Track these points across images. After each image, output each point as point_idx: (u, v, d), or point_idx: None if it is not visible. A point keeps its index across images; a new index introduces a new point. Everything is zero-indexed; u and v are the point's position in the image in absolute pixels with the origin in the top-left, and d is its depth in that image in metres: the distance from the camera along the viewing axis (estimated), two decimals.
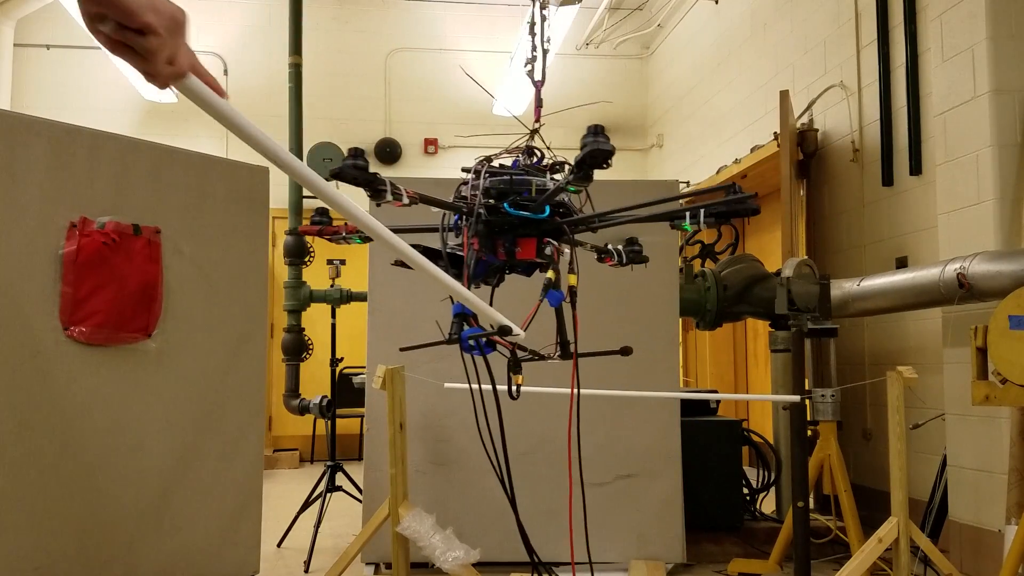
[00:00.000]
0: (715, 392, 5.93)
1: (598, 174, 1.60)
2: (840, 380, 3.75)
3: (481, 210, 1.72)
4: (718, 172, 6.43)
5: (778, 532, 3.60)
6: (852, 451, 4.64)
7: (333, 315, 4.59)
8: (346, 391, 4.92)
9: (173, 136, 7.66)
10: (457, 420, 3.67)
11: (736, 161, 6.07)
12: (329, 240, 1.95)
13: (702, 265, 4.77)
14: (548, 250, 1.77)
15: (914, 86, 4.27)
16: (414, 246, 1.46)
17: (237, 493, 3.27)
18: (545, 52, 2.06)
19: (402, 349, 2.11)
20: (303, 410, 4.44)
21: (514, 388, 1.86)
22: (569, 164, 1.69)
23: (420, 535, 3.05)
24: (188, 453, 3.10)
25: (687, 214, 1.80)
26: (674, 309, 3.80)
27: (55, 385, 2.69)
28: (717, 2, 6.76)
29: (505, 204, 1.72)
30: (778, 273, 3.96)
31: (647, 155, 8.45)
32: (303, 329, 4.51)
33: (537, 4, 2.12)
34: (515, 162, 1.84)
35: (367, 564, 3.61)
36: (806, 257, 4.09)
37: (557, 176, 1.79)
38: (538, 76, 2.02)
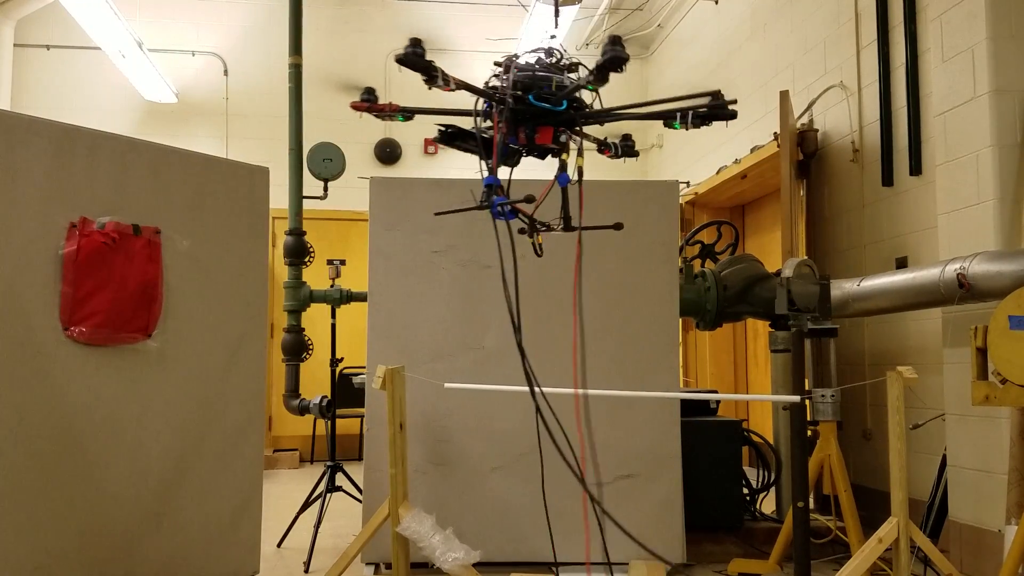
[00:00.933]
0: (715, 392, 5.93)
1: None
2: (840, 380, 3.75)
3: (509, 99, 2.00)
4: (718, 172, 6.43)
5: (778, 532, 3.60)
6: (852, 451, 4.64)
7: (333, 315, 4.59)
8: (346, 391, 4.92)
9: (173, 136, 7.66)
10: (457, 420, 3.67)
11: (736, 161, 6.07)
12: (376, 116, 2.32)
13: (702, 265, 4.77)
14: (563, 137, 2.08)
15: (914, 86, 4.27)
16: (447, 126, 2.05)
17: (237, 493, 3.27)
18: None
19: (437, 214, 2.46)
20: (303, 410, 4.44)
21: (537, 246, 2.18)
22: (584, 66, 2.03)
23: (420, 535, 3.05)
24: (188, 453, 3.10)
25: (677, 114, 2.11)
26: (674, 309, 3.80)
27: (55, 385, 2.69)
28: (717, 2, 6.76)
29: (530, 96, 1.99)
30: (778, 273, 3.96)
31: (647, 155, 8.44)
32: (303, 329, 4.51)
33: None
34: (537, 59, 2.11)
35: (367, 564, 3.61)
36: (806, 257, 4.09)
37: (571, 75, 2.07)
38: None
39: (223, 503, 3.22)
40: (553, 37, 2.21)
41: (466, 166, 8.50)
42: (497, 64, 2.10)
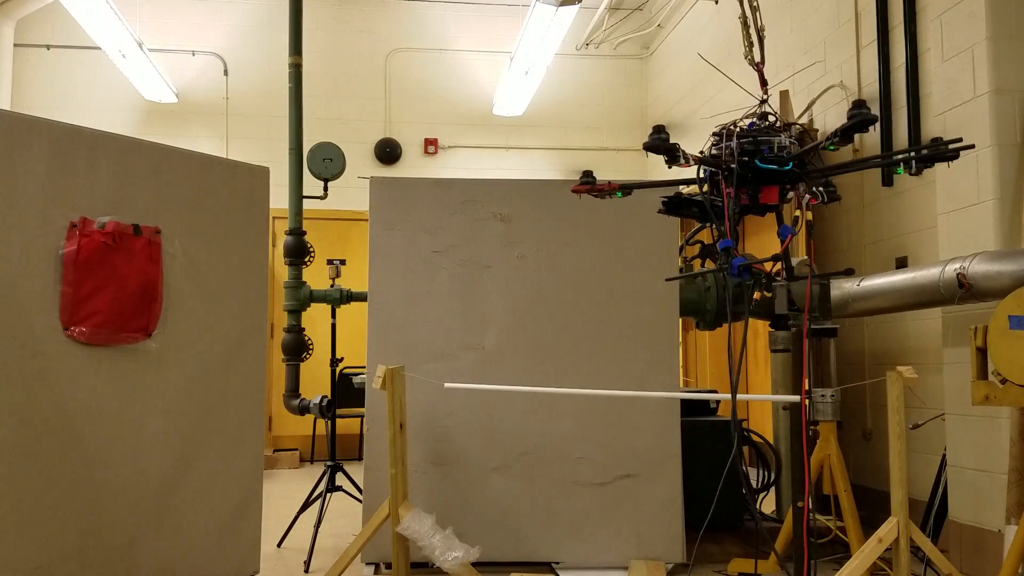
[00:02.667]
0: (715, 392, 5.93)
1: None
2: (840, 380, 3.74)
3: (735, 166, 2.17)
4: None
5: (778, 532, 3.60)
6: (852, 451, 4.64)
7: (333, 315, 4.59)
8: (346, 391, 4.92)
9: (173, 136, 7.66)
10: (457, 420, 3.67)
11: None
12: (595, 196, 2.51)
13: (702, 265, 4.77)
14: (789, 195, 2.25)
15: (914, 86, 4.27)
16: (671, 197, 2.32)
17: (237, 493, 3.27)
18: (761, 39, 2.54)
19: (668, 279, 2.80)
20: (303, 410, 4.44)
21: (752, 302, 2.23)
22: (800, 125, 2.28)
23: (420, 535, 3.05)
24: (188, 453, 3.10)
25: (901, 163, 2.26)
26: (674, 309, 3.80)
27: (55, 385, 2.69)
28: (717, 2, 6.76)
29: (756, 160, 2.16)
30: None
31: (647, 155, 8.44)
32: (303, 329, 4.51)
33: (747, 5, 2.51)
34: (751, 124, 2.28)
35: (367, 564, 3.61)
36: (806, 257, 4.08)
37: (784, 134, 2.24)
38: (757, 59, 2.52)
39: (223, 503, 3.22)
40: (764, 102, 2.33)
41: (466, 166, 8.53)
42: (715, 134, 2.27)
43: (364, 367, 3.73)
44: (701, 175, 2.30)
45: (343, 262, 4.65)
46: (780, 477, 4.32)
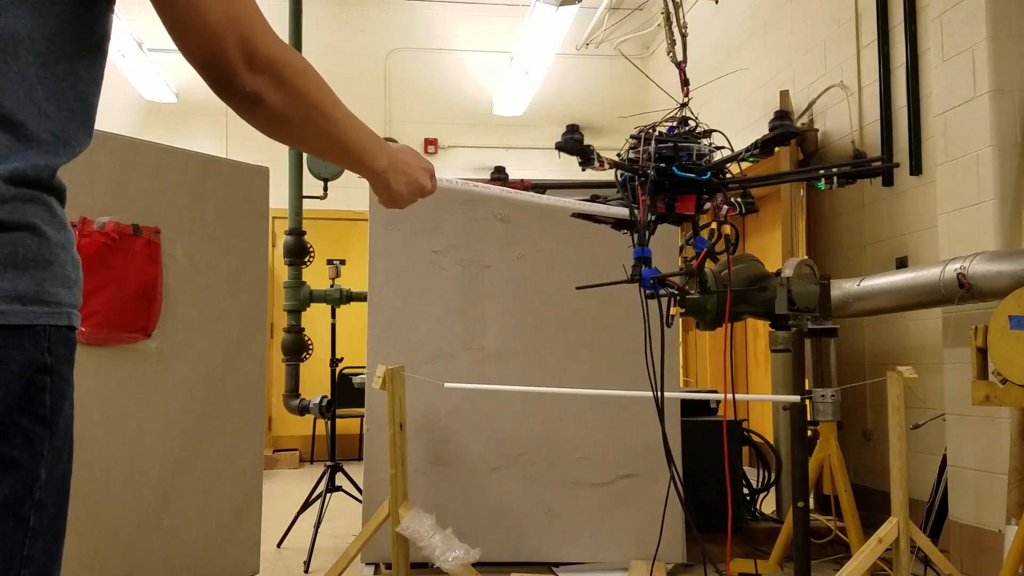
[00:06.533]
0: (715, 392, 5.93)
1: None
2: (840, 380, 3.74)
3: (651, 172, 2.10)
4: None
5: (778, 532, 3.60)
6: (852, 451, 4.64)
7: (333, 315, 4.59)
8: (346, 391, 4.92)
9: (173, 136, 7.66)
10: (457, 420, 3.67)
11: None
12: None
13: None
14: (707, 206, 2.20)
15: (914, 86, 4.27)
16: (587, 200, 2.20)
17: (237, 493, 3.27)
18: (684, 36, 2.46)
19: (579, 288, 2.59)
20: (303, 410, 4.44)
21: (669, 317, 2.30)
22: (720, 132, 2.19)
23: (420, 535, 3.05)
24: (188, 453, 3.10)
25: (822, 176, 2.22)
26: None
27: None
28: (717, 2, 6.76)
29: (674, 167, 2.09)
30: (778, 273, 3.96)
31: None
32: (303, 329, 4.51)
33: None
34: (670, 128, 2.21)
35: (367, 564, 3.61)
36: (806, 257, 4.08)
37: (704, 141, 2.18)
38: (679, 58, 2.44)
39: (223, 503, 3.22)
40: (684, 105, 2.27)
41: (466, 166, 8.52)
42: (633, 137, 2.21)
43: (364, 367, 3.73)
44: (619, 179, 2.23)
45: (343, 262, 4.65)
46: (780, 477, 4.32)
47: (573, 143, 2.15)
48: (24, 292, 0.82)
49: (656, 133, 2.17)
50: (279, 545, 4.16)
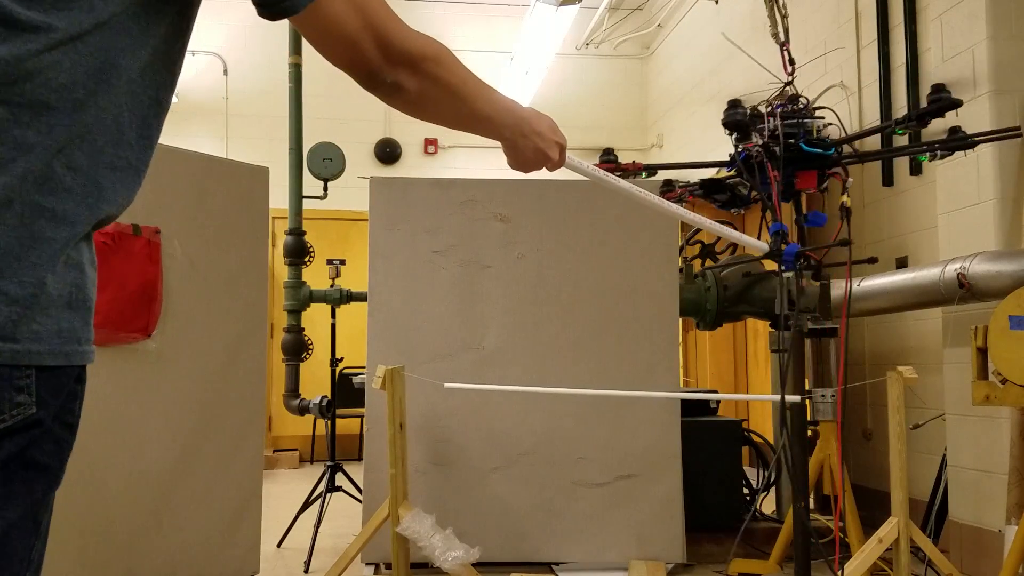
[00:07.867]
0: (715, 392, 5.93)
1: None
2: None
3: (779, 149, 2.10)
4: (717, 172, 6.42)
5: (778, 532, 3.60)
6: (852, 451, 4.64)
7: (333, 315, 4.58)
8: (346, 391, 4.92)
9: (173, 136, 7.64)
10: (457, 420, 3.67)
11: None
12: (619, 175, 2.37)
13: (702, 265, 4.77)
14: (826, 182, 2.17)
15: (914, 86, 4.26)
16: (707, 180, 2.08)
17: (237, 493, 3.27)
18: (784, 16, 2.48)
19: (713, 268, 2.60)
20: (303, 410, 4.44)
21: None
22: (831, 110, 2.22)
23: (420, 535, 3.05)
24: (188, 453, 3.10)
25: (926, 151, 2.28)
26: (674, 309, 3.80)
27: None
28: (717, 2, 6.76)
29: (801, 143, 2.08)
30: (778, 273, 3.96)
31: (647, 155, 8.44)
32: (303, 329, 4.51)
33: None
34: (778, 105, 2.21)
35: (367, 564, 3.61)
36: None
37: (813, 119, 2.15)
38: (782, 38, 2.46)
39: (223, 503, 3.22)
40: (789, 83, 2.31)
41: (466, 166, 8.53)
42: (754, 114, 2.23)
43: (364, 367, 3.73)
44: (737, 159, 2.23)
45: (343, 262, 4.64)
46: (780, 477, 4.31)
47: (740, 117, 2.23)
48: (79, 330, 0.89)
49: (769, 111, 2.15)
50: (279, 545, 4.16)
